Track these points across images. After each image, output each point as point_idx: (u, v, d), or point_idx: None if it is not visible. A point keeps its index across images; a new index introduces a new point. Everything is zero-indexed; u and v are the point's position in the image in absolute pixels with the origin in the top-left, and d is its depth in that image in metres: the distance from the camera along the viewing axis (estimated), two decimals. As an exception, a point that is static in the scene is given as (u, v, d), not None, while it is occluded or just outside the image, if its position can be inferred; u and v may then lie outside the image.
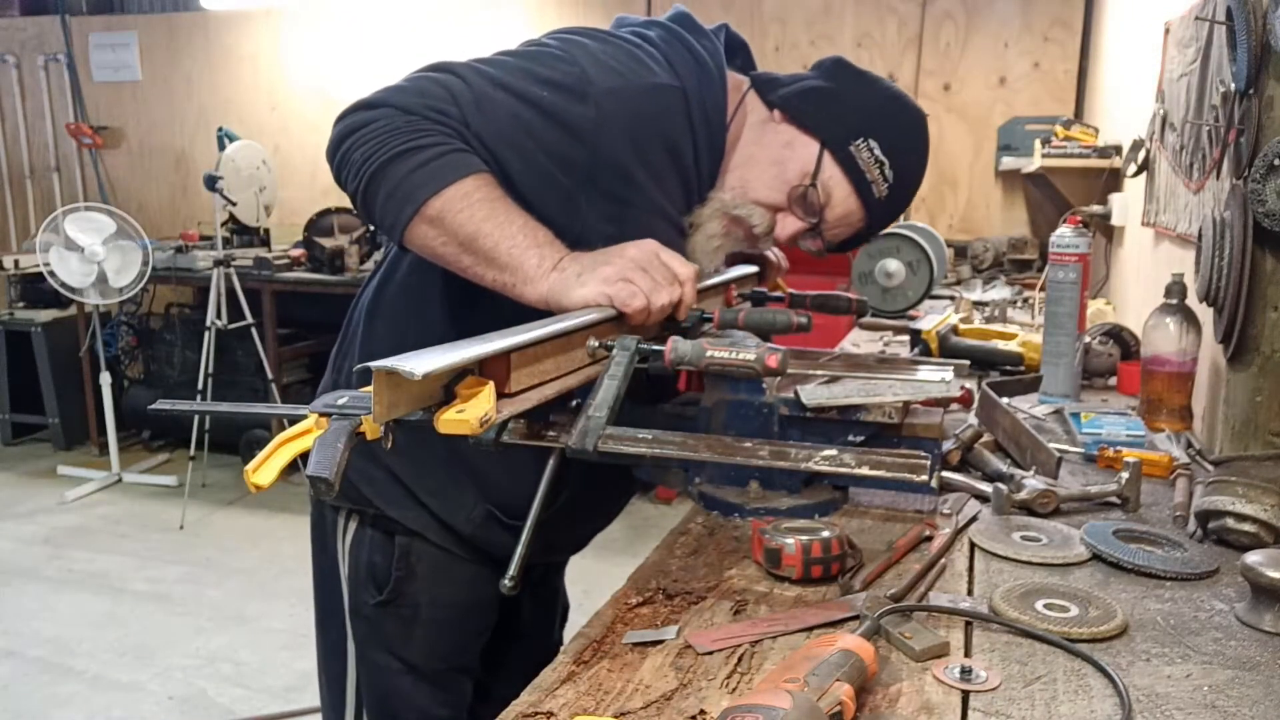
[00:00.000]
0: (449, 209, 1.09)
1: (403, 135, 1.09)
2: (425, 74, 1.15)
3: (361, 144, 1.11)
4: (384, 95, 1.13)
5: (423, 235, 1.11)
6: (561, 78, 1.16)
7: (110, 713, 2.94)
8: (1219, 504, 1.11)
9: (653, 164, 1.21)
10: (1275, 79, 1.31)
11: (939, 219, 4.68)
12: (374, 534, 1.31)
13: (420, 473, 1.27)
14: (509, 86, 1.15)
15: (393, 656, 1.33)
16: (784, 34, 4.80)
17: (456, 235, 1.10)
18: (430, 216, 1.09)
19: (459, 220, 1.09)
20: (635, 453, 0.95)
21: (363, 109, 1.13)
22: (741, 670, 0.85)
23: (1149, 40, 2.46)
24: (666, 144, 1.21)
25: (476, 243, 1.10)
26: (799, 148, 1.24)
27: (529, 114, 1.15)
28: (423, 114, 1.11)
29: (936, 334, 1.97)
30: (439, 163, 1.10)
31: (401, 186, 1.09)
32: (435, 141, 1.10)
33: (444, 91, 1.13)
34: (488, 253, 1.10)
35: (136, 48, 5.91)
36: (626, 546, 4.07)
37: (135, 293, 4.81)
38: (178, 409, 0.92)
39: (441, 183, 1.09)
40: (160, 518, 4.47)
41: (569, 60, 1.18)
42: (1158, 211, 2.25)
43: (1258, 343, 1.35)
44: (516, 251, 1.11)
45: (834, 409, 1.21)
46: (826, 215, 1.25)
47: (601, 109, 1.15)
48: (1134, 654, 0.88)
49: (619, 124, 1.16)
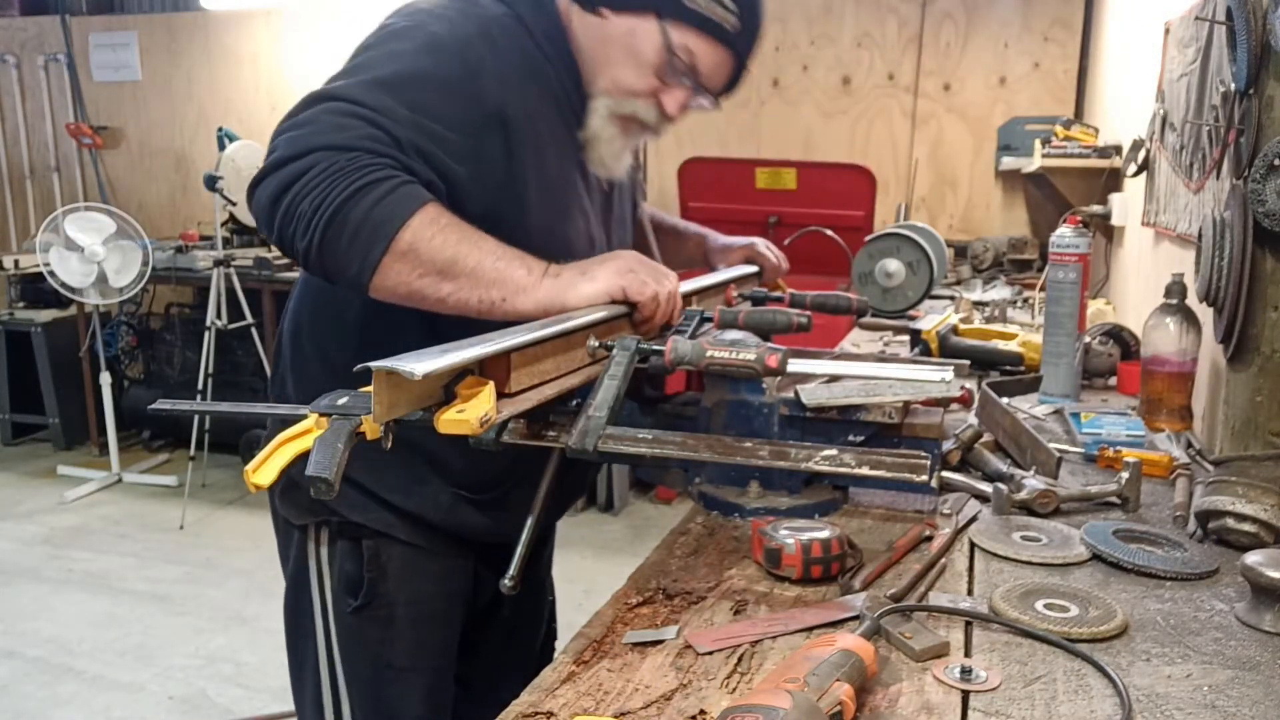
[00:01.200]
0: (420, 238, 1.06)
1: (350, 174, 1.04)
2: (319, 111, 1.08)
3: (307, 193, 1.04)
4: (304, 141, 1.06)
5: (396, 273, 1.06)
6: (420, 47, 1.15)
7: (110, 713, 2.94)
8: (1219, 504, 1.11)
9: (528, 95, 1.21)
10: (1275, 79, 1.31)
11: (939, 219, 4.69)
12: (343, 543, 1.31)
13: (379, 474, 1.27)
14: (390, 85, 1.11)
15: (377, 661, 1.33)
16: (784, 34, 4.80)
17: (434, 264, 1.07)
18: (402, 251, 1.05)
19: (434, 247, 1.06)
20: (635, 453, 0.95)
21: (289, 161, 1.06)
22: (741, 670, 0.85)
23: (1149, 40, 2.46)
24: (528, 71, 1.22)
25: (457, 266, 1.07)
26: (641, 31, 1.24)
27: (423, 96, 1.12)
28: (360, 148, 1.06)
29: (936, 334, 1.97)
30: (397, 195, 1.06)
31: (365, 226, 1.04)
32: (386, 175, 1.06)
33: (357, 121, 1.07)
34: (471, 273, 1.08)
35: (136, 48, 5.90)
36: (626, 546, 4.07)
37: (135, 293, 4.81)
38: (178, 409, 0.92)
39: (406, 213, 1.05)
40: (160, 518, 4.47)
41: (417, 27, 1.16)
42: (1158, 211, 2.25)
43: (1258, 343, 1.35)
44: (501, 265, 1.09)
45: (834, 409, 1.21)
46: (700, 71, 1.26)
47: (466, 61, 1.15)
48: (1134, 654, 0.88)
49: (487, 67, 1.16)
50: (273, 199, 1.07)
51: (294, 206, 1.05)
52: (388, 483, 1.27)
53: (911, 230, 2.83)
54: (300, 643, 1.39)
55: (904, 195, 4.75)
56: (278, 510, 1.39)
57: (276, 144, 1.08)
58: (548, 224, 1.24)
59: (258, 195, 1.09)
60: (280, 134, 1.09)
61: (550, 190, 1.24)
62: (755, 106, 4.91)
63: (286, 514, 1.36)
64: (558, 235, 1.25)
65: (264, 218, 1.09)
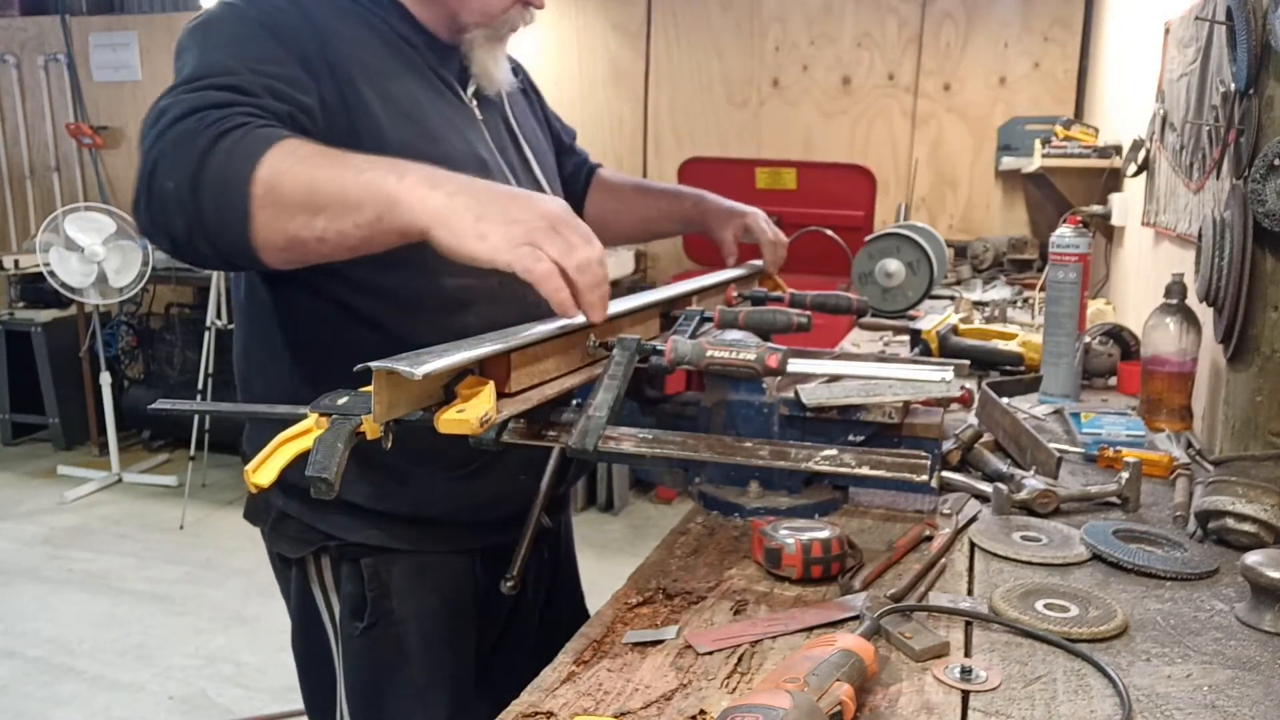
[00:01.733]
0: (278, 172, 0.92)
1: (199, 133, 0.95)
2: (159, 108, 1.00)
3: (168, 172, 0.95)
4: (153, 134, 0.98)
5: (267, 223, 0.93)
6: (227, 23, 1.11)
7: (110, 713, 2.94)
8: (1219, 504, 1.11)
9: (346, 32, 1.17)
10: (1275, 79, 1.31)
11: (939, 219, 4.69)
12: (346, 566, 1.27)
13: (366, 486, 1.23)
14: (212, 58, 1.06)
15: (395, 682, 1.28)
16: (784, 34, 4.80)
17: (298, 198, 0.92)
18: (263, 194, 0.92)
19: (294, 179, 0.92)
20: (635, 453, 0.95)
21: (146, 158, 0.97)
22: (741, 670, 0.85)
23: (1149, 40, 2.46)
24: (338, 11, 1.18)
25: (319, 193, 0.92)
26: None
27: (249, 50, 1.07)
28: (204, 105, 0.98)
29: (936, 334, 1.97)
30: (250, 137, 0.95)
31: (225, 179, 0.93)
32: (238, 122, 0.96)
33: (195, 93, 1.00)
34: (335, 197, 0.92)
35: (136, 48, 5.91)
36: (626, 546, 4.07)
37: (135, 293, 4.81)
38: (178, 409, 0.92)
39: (260, 151, 0.93)
40: (160, 518, 4.47)
41: (215, 17, 1.12)
42: (1158, 211, 2.25)
43: (1258, 343, 1.35)
44: (366, 179, 0.92)
45: (834, 409, 1.21)
46: None
47: (271, 12, 1.12)
48: (1134, 654, 0.88)
49: (290, 15, 1.13)
50: (143, 200, 0.97)
51: (159, 190, 0.95)
52: (377, 491, 1.24)
53: (911, 230, 2.83)
54: (317, 676, 1.34)
55: (904, 195, 4.75)
56: (270, 548, 1.35)
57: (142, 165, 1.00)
58: (408, 141, 1.15)
59: (138, 213, 0.99)
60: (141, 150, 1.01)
61: (406, 116, 1.17)
62: (755, 106, 4.92)
63: (279, 549, 1.32)
64: (428, 156, 1.09)
65: (144, 223, 0.99)
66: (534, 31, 1.31)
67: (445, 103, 1.26)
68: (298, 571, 1.32)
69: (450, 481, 1.27)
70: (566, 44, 5.09)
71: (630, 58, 5.05)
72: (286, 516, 1.28)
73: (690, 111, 5.02)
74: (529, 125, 1.46)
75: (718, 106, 4.98)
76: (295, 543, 1.29)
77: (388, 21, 1.24)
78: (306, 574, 1.31)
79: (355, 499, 1.23)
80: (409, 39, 1.25)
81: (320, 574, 1.30)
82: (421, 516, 1.27)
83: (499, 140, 1.34)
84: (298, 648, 1.37)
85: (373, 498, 1.24)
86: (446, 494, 1.27)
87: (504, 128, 1.38)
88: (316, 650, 1.33)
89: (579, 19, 5.06)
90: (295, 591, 1.33)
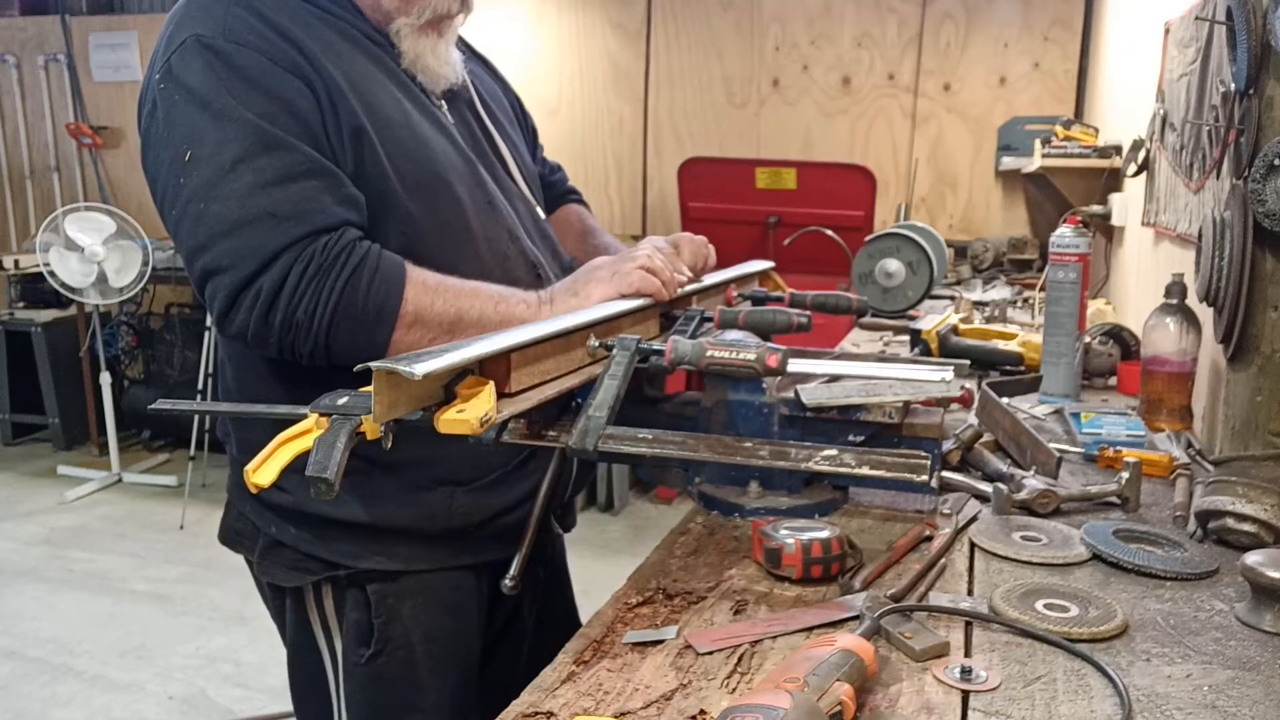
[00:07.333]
0: (421, 307, 1.11)
1: (328, 268, 1.07)
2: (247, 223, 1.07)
3: (298, 301, 1.06)
4: (257, 241, 1.06)
5: (408, 344, 1.11)
6: (218, 92, 1.11)
7: (110, 713, 2.94)
8: (1219, 504, 1.11)
9: (328, 41, 1.17)
10: (1275, 79, 1.31)
11: (939, 219, 4.69)
12: (351, 594, 1.24)
13: (381, 510, 1.21)
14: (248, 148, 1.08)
15: (400, 709, 1.25)
16: (784, 34, 4.80)
17: (441, 325, 1.12)
18: (409, 324, 1.11)
19: (437, 311, 1.12)
20: (635, 453, 0.95)
21: (260, 273, 1.06)
22: (741, 670, 0.85)
23: (1149, 40, 2.46)
24: (299, 20, 1.18)
25: (463, 321, 1.13)
26: None
27: (271, 109, 1.09)
28: (313, 232, 1.07)
29: (936, 334, 1.97)
30: (381, 272, 1.09)
31: (367, 314, 1.08)
32: (359, 253, 1.09)
33: (282, 187, 1.07)
34: (477, 323, 1.13)
35: (136, 48, 5.90)
36: (626, 546, 4.07)
37: (135, 293, 4.81)
38: (178, 409, 0.92)
39: (399, 290, 1.10)
40: (160, 518, 4.47)
41: (194, 89, 1.13)
42: (1158, 211, 2.25)
43: (1258, 343, 1.35)
44: (504, 308, 1.15)
45: (834, 409, 1.21)
46: None
47: (263, 50, 1.12)
48: (1134, 654, 0.88)
49: (266, 37, 1.13)
50: (263, 319, 1.07)
51: (290, 318, 1.07)
52: (386, 513, 1.21)
53: (911, 230, 2.83)
54: (313, 710, 1.32)
55: (904, 195, 4.75)
56: (259, 577, 1.31)
57: (221, 263, 1.07)
58: (401, 142, 1.20)
59: (237, 319, 1.08)
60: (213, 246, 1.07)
61: (390, 126, 1.19)
62: (755, 106, 4.92)
63: (272, 578, 1.28)
64: (419, 160, 1.21)
65: (258, 337, 1.09)
66: (534, 31, 1.31)
67: (414, 101, 1.25)
68: (293, 601, 1.28)
69: (469, 493, 1.24)
70: (566, 44, 5.09)
71: (630, 58, 5.05)
72: (279, 544, 1.24)
73: (690, 111, 5.02)
74: (503, 125, 1.45)
75: (718, 106, 4.98)
76: (292, 572, 1.25)
77: (353, 25, 1.23)
78: (303, 603, 1.27)
79: (361, 518, 1.20)
80: (373, 38, 1.25)
81: (320, 603, 1.26)
82: (429, 531, 1.23)
83: (470, 138, 1.34)
84: (293, 678, 1.34)
85: (383, 518, 1.21)
86: (456, 505, 1.24)
87: (477, 126, 1.37)
88: (313, 680, 1.30)
89: (579, 19, 5.06)
90: (291, 622, 1.29)
